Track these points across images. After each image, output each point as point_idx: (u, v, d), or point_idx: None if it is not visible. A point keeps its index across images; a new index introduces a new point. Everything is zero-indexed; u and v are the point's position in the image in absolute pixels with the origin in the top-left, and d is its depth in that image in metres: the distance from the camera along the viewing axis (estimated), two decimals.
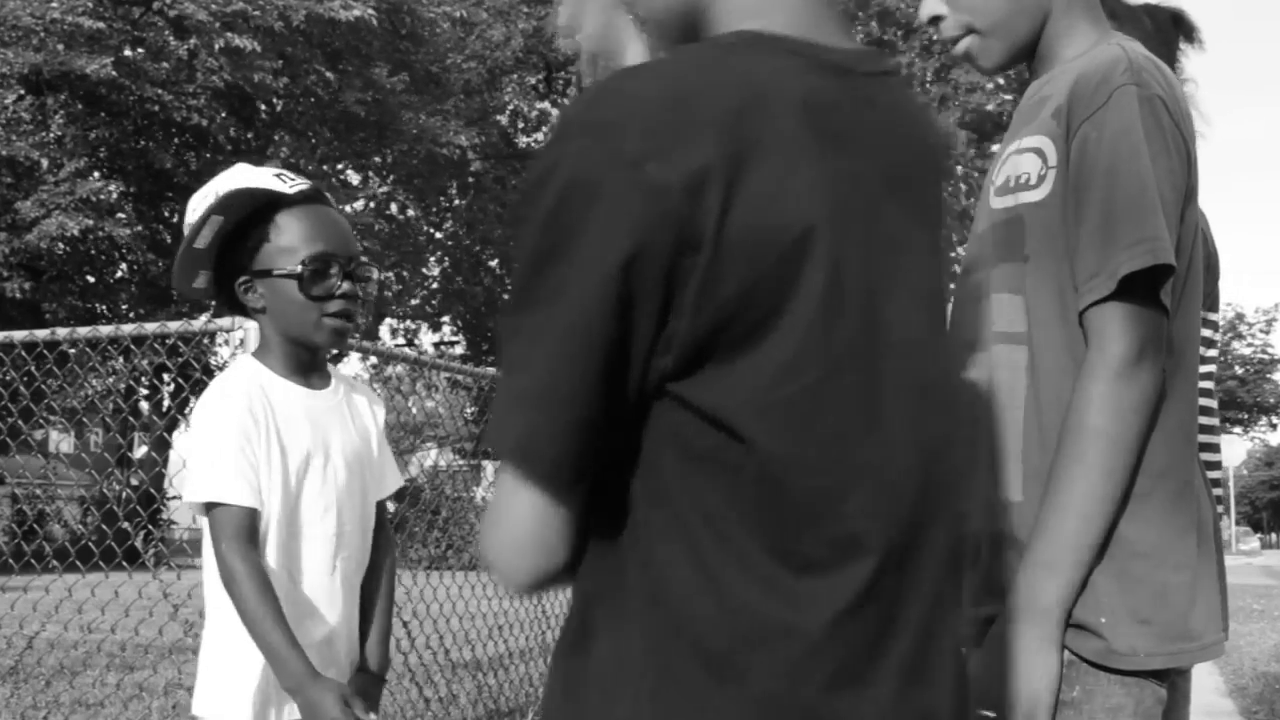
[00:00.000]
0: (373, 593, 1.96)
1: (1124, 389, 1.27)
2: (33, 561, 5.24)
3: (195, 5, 18.70)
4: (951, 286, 1.54)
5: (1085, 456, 1.27)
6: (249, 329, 3.74)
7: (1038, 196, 1.38)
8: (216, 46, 18.99)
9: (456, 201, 30.29)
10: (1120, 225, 1.29)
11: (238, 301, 1.86)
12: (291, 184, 1.85)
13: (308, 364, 1.90)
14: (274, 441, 1.80)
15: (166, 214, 23.35)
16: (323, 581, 1.85)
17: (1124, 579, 1.29)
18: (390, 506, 2.12)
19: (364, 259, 1.90)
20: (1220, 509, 1.63)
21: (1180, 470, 1.34)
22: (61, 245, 18.99)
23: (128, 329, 4.20)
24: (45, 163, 18.42)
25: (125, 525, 4.91)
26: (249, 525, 1.75)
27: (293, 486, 1.82)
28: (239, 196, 1.83)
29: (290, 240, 1.82)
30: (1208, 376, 2.00)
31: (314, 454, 1.85)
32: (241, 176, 1.85)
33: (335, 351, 1.99)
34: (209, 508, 1.76)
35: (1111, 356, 1.27)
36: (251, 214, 1.83)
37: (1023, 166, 1.42)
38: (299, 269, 1.81)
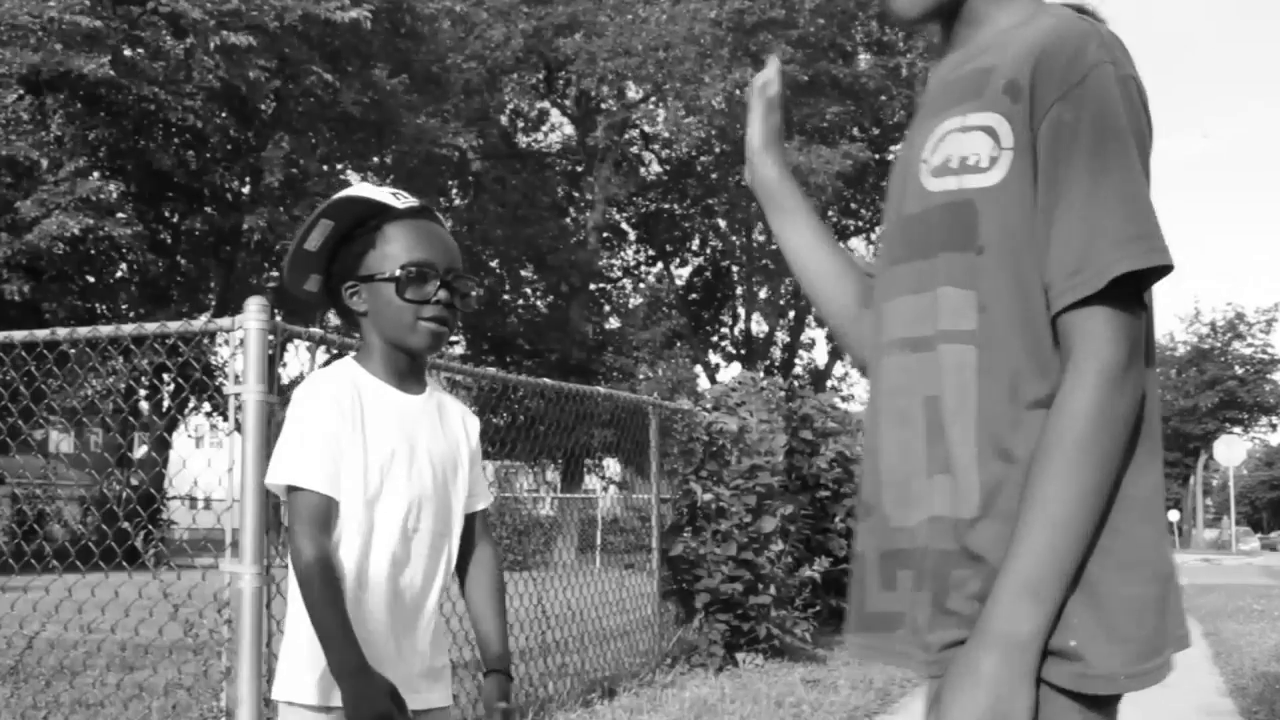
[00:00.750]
0: (480, 595, 2.06)
1: (1117, 398, 1.17)
2: (33, 561, 5.23)
3: (190, 3, 18.69)
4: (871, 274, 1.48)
5: (1076, 471, 1.15)
6: (249, 330, 3.74)
7: (991, 181, 1.25)
8: (212, 45, 18.99)
9: (456, 201, 30.30)
10: (1108, 219, 1.18)
11: (345, 306, 1.96)
12: (403, 200, 1.95)
13: (404, 369, 1.97)
14: (359, 437, 1.87)
15: (166, 214, 23.35)
16: (399, 575, 1.90)
17: (1098, 594, 1.18)
18: None
19: (464, 273, 1.97)
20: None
21: (1153, 474, 1.24)
22: (61, 245, 18.99)
23: (128, 329, 4.20)
24: (45, 163, 18.42)
25: (125, 525, 4.91)
26: (324, 512, 1.83)
27: (375, 482, 1.88)
28: (349, 203, 1.94)
29: (394, 248, 1.91)
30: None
31: (399, 452, 1.91)
32: (357, 189, 1.97)
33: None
34: (289, 491, 1.84)
35: (1104, 363, 1.17)
36: (363, 223, 1.94)
37: (970, 146, 1.27)
38: (398, 273, 1.89)
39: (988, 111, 1.27)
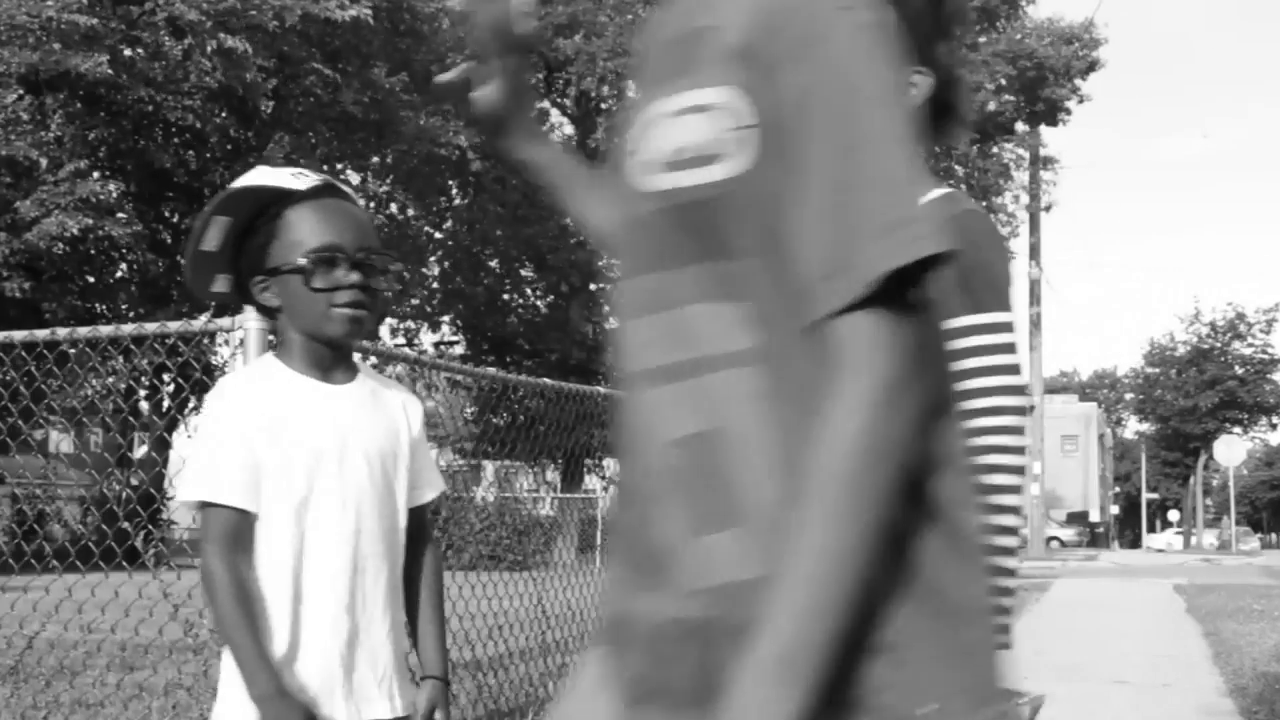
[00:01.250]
0: (415, 597, 1.94)
1: (891, 422, 0.92)
2: (33, 561, 5.23)
3: (187, 5, 18.68)
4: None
5: (839, 516, 0.91)
6: (249, 329, 3.73)
7: (729, 172, 0.99)
8: (209, 48, 18.97)
9: (456, 201, 30.30)
10: (863, 205, 0.94)
11: (258, 303, 1.87)
12: (302, 180, 1.83)
13: (327, 360, 1.86)
14: (281, 439, 1.78)
15: (166, 213, 23.35)
16: (341, 582, 1.80)
17: (950, 646, 0.96)
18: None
19: (379, 249, 1.86)
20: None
21: (965, 500, 1.02)
22: (61, 245, 18.98)
23: (128, 329, 4.20)
24: (44, 162, 18.40)
25: (125, 525, 4.91)
26: (236, 527, 1.74)
27: (303, 483, 1.79)
28: (242, 195, 1.82)
29: (296, 235, 1.80)
30: (998, 391, 1.70)
31: (328, 450, 1.81)
32: (253, 176, 1.85)
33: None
34: (200, 507, 1.76)
35: (871, 381, 0.92)
36: (263, 213, 1.83)
37: (694, 131, 1.01)
38: (302, 262, 1.79)
39: (712, 85, 1.01)
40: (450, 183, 29.07)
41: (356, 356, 1.98)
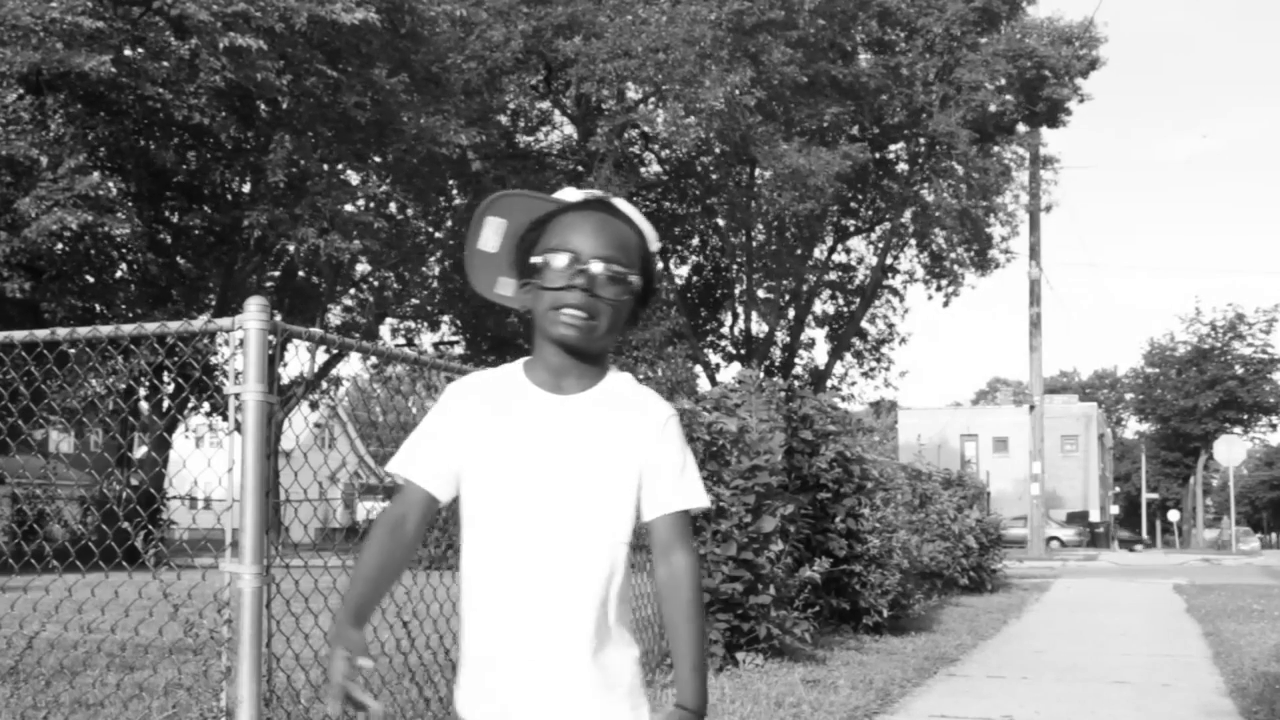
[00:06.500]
0: (668, 619, 1.87)
1: None
2: (33, 561, 5.23)
3: (197, 5, 18.70)
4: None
5: None
6: (249, 329, 3.73)
7: None
8: (221, 46, 18.99)
9: (456, 201, 30.29)
10: None
11: None
12: (576, 194, 1.91)
13: (560, 366, 1.85)
14: (484, 441, 1.84)
15: (166, 213, 23.35)
16: (524, 586, 1.78)
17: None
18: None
19: (618, 259, 1.82)
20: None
21: None
22: (61, 243, 18.98)
23: (128, 329, 4.20)
24: (44, 160, 18.40)
25: (125, 525, 4.91)
26: (415, 503, 1.86)
27: (495, 487, 1.82)
28: (510, 198, 1.93)
29: (544, 240, 1.85)
30: None
31: (526, 458, 1.81)
32: (559, 193, 1.94)
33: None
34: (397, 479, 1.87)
35: None
36: (541, 223, 1.88)
37: None
38: (537, 261, 1.84)
39: None
40: (450, 183, 29.06)
41: (619, 375, 1.93)
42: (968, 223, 31.87)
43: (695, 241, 36.12)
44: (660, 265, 35.79)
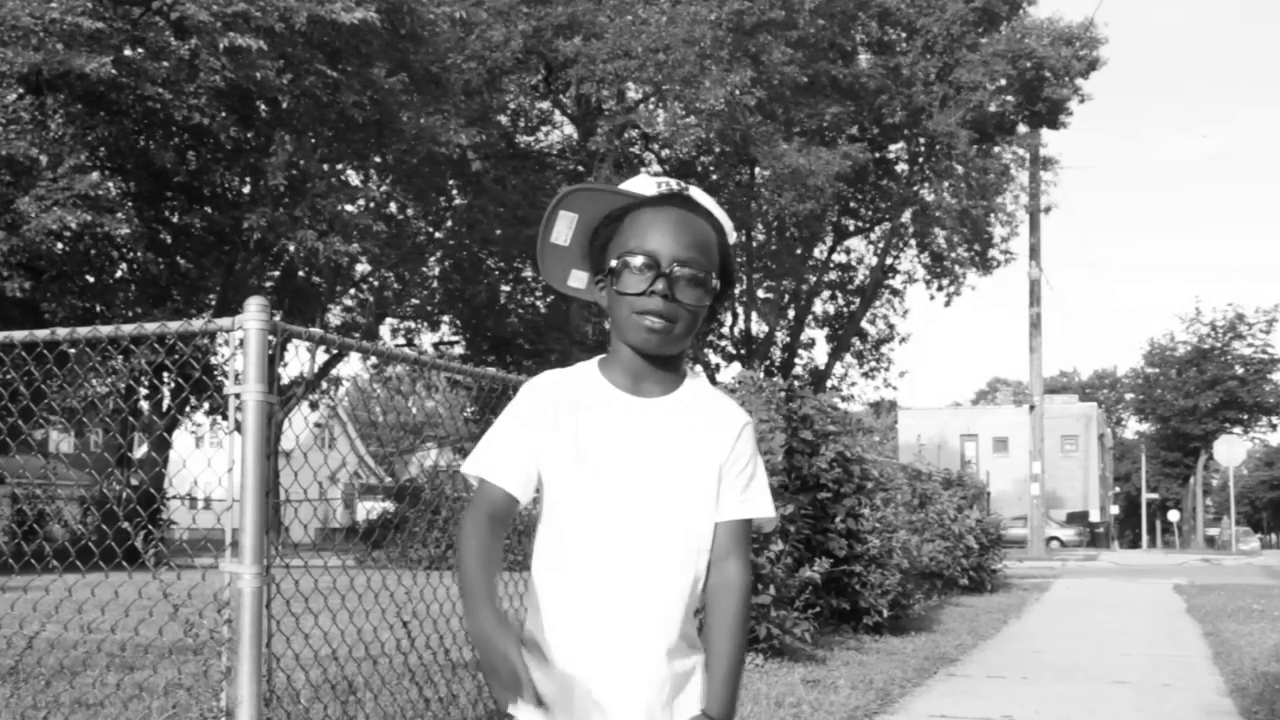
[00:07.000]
0: (709, 622, 1.83)
1: None
2: (33, 561, 5.23)
3: (197, 5, 18.70)
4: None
5: None
6: (249, 329, 3.73)
7: None
8: (221, 46, 18.99)
9: (456, 201, 30.29)
10: None
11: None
12: (653, 187, 1.83)
13: (639, 369, 1.81)
14: (560, 441, 1.78)
15: (166, 213, 23.34)
16: (598, 588, 1.75)
17: None
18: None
19: (697, 262, 1.76)
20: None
21: None
22: (61, 243, 18.98)
23: (128, 329, 4.20)
24: (44, 160, 18.40)
25: (125, 525, 4.91)
26: (498, 504, 1.77)
27: (579, 490, 1.77)
28: (584, 192, 1.86)
29: (622, 239, 1.78)
30: None
31: (611, 462, 1.77)
32: (629, 183, 1.88)
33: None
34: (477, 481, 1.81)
35: None
36: (617, 216, 1.82)
37: None
38: (614, 264, 1.77)
39: None
40: (450, 183, 29.07)
41: (696, 379, 1.91)
42: (968, 223, 31.87)
43: None
44: None
